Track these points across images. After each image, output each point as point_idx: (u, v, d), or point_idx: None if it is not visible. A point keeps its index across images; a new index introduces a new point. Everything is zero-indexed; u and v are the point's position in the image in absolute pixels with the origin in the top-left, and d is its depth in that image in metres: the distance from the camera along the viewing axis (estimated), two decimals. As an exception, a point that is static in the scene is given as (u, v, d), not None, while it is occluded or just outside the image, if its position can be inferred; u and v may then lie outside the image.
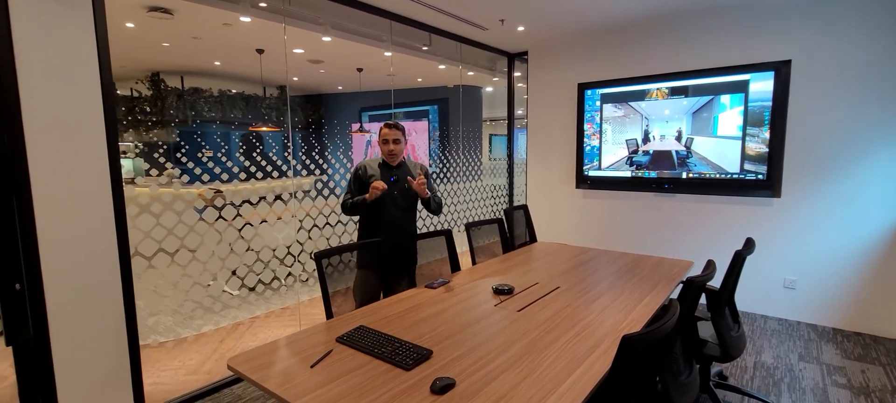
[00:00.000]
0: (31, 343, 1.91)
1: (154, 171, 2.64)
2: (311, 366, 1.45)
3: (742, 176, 3.60)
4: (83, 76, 2.01)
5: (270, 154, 3.53)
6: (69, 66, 1.97)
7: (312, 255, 3.57)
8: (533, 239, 3.60)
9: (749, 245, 2.22)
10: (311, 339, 1.68)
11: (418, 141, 7.67)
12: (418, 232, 2.75)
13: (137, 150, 5.78)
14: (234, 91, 6.81)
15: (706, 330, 2.24)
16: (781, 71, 3.40)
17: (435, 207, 2.64)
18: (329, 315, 1.95)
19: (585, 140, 4.42)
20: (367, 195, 2.42)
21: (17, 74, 1.82)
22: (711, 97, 3.70)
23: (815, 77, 3.33)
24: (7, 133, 1.82)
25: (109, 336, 2.14)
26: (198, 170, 3.01)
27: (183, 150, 3.15)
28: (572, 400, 1.24)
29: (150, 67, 5.87)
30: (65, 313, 1.99)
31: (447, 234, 2.75)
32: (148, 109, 6.02)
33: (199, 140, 6.62)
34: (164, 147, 3.33)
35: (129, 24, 3.83)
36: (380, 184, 2.39)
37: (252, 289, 3.18)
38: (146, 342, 3.08)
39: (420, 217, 4.49)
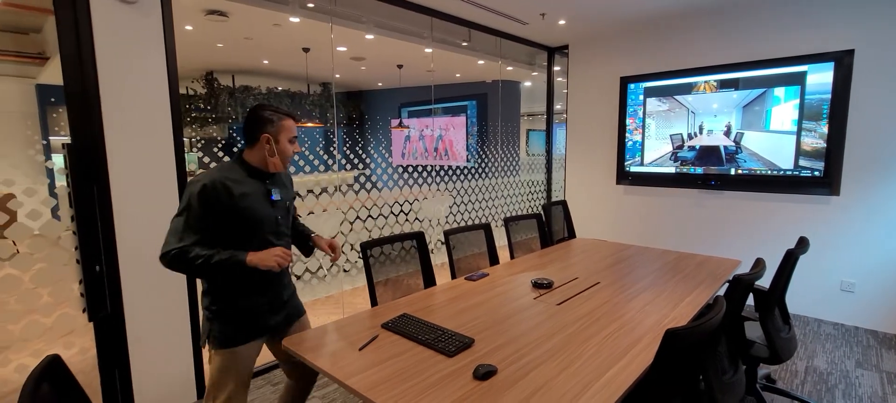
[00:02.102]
0: (108, 320, 2.12)
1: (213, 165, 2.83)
2: (360, 349, 1.54)
3: (796, 172, 3.43)
4: (153, 76, 2.19)
5: (317, 148, 3.68)
6: (141, 68, 2.15)
7: (358, 246, 3.70)
8: (571, 234, 3.58)
9: (802, 244, 2.13)
10: (357, 325, 1.77)
11: (456, 136, 7.73)
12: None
13: (199, 144, 6.15)
14: (280, 88, 7.10)
15: (754, 330, 2.17)
16: (843, 61, 3.21)
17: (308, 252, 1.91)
18: (373, 302, 2.04)
19: (627, 135, 4.33)
20: (256, 259, 1.47)
21: (98, 75, 2.01)
22: (764, 90, 3.53)
23: (882, 68, 3.12)
24: (89, 128, 2.02)
25: (174, 314, 2.33)
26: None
27: (239, 145, 3.34)
28: (613, 393, 1.25)
29: (204, 66, 6.22)
30: (137, 293, 2.18)
31: (486, 228, 2.79)
32: (202, 106, 6.39)
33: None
34: (223, 141, 3.54)
35: (188, 27, 4.08)
36: (284, 255, 1.53)
37: (299, 277, 3.34)
38: (203, 324, 3.30)
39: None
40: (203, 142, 6.69)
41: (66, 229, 2.03)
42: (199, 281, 1.63)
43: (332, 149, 3.79)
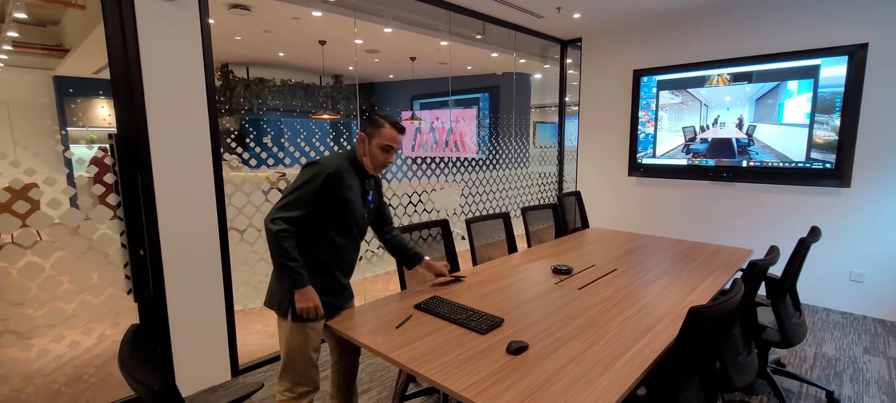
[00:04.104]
0: (151, 300, 2.24)
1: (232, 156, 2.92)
2: (397, 327, 1.64)
3: (808, 165, 3.49)
4: (191, 70, 2.29)
5: (328, 139, 3.77)
6: (181, 61, 2.25)
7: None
8: (585, 224, 3.67)
9: (814, 233, 2.21)
10: (389, 306, 1.87)
11: (467, 128, 7.80)
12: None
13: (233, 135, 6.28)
14: (293, 80, 7.20)
15: (766, 316, 2.26)
16: (857, 55, 3.26)
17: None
18: (403, 286, 2.15)
19: (640, 127, 4.40)
20: (299, 295, 1.61)
21: (142, 69, 2.12)
22: (777, 83, 3.59)
23: (895, 61, 3.17)
24: (134, 120, 2.12)
25: (211, 296, 2.45)
26: (264, 155, 3.26)
27: (252, 136, 3.43)
28: (638, 367, 1.35)
29: (220, 59, 6.32)
30: (177, 276, 2.30)
31: (505, 217, 2.89)
32: (218, 98, 6.50)
33: (265, 127, 7.07)
34: (236, 132, 3.64)
35: (210, 21, 4.17)
36: (315, 311, 1.64)
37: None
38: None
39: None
40: (234, 133, 6.79)
41: (112, 217, 2.14)
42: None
43: (342, 139, 3.89)
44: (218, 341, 2.50)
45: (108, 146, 2.13)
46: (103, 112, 6.43)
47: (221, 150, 2.46)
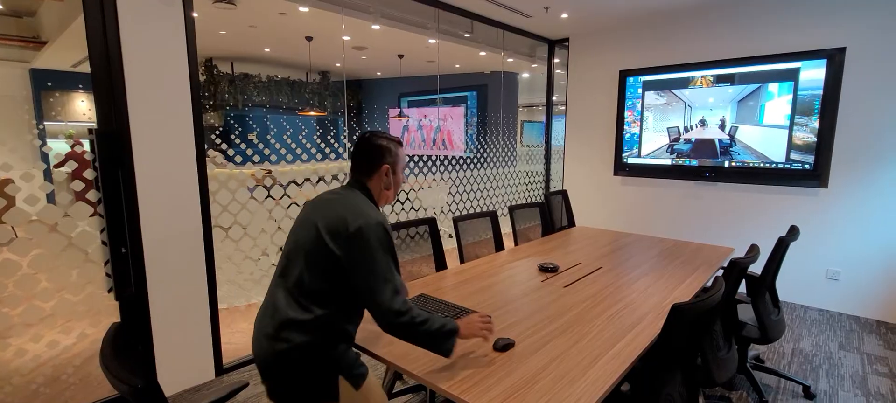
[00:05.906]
0: (133, 298, 2.20)
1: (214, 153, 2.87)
2: (384, 325, 1.64)
3: (788, 165, 3.58)
4: (175, 64, 2.25)
5: (314, 137, 3.72)
6: (164, 55, 2.21)
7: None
8: (571, 223, 3.70)
9: (793, 232, 2.26)
10: (377, 304, 1.87)
11: (454, 127, 7.81)
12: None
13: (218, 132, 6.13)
14: (279, 77, 7.11)
15: (746, 313, 2.31)
16: (835, 59, 3.34)
17: None
18: (390, 284, 2.14)
19: (625, 127, 4.45)
20: (466, 331, 1.39)
21: (123, 63, 2.07)
22: (759, 85, 3.66)
23: (871, 66, 3.26)
24: (115, 115, 2.08)
25: (195, 294, 2.42)
26: (249, 152, 3.19)
27: (237, 132, 3.36)
28: (622, 363, 1.37)
29: (203, 54, 6.22)
30: (160, 274, 2.26)
31: (492, 216, 2.90)
32: (204, 94, 6.40)
33: (250, 123, 6.98)
34: (240, 130, 3.58)
35: (194, 15, 4.10)
36: (490, 326, 1.45)
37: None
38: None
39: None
40: (214, 131, 6.68)
41: (92, 214, 2.10)
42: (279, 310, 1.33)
43: (329, 137, 3.86)
44: (202, 339, 2.47)
45: (84, 141, 2.08)
46: (82, 106, 6.27)
47: (206, 147, 2.42)
